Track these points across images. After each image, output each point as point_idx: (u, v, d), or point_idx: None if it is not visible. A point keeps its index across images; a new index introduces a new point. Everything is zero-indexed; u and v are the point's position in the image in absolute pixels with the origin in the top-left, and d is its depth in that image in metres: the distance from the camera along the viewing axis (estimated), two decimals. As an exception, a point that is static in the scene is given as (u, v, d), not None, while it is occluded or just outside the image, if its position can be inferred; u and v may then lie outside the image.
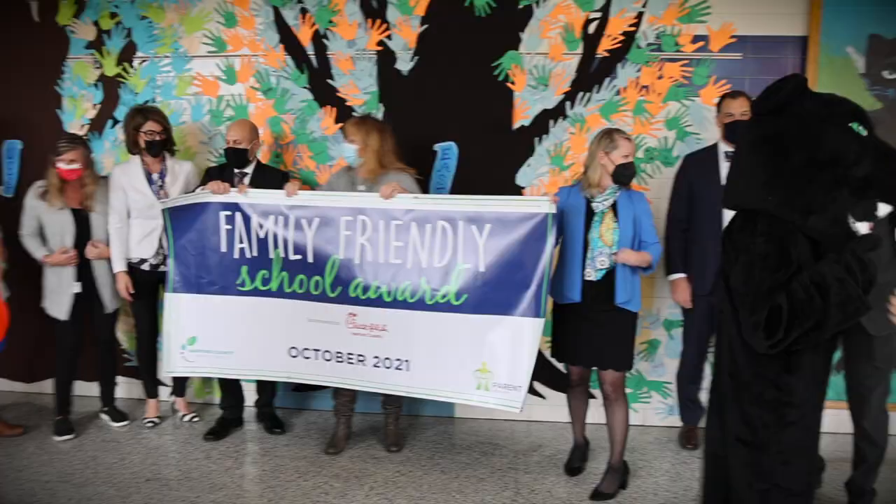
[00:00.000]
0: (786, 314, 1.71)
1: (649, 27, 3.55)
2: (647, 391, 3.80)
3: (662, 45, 3.55)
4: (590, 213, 2.93)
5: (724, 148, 3.25)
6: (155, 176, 3.55)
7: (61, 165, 3.39)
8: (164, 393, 3.91)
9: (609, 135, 2.90)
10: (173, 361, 3.37)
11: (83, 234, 3.51)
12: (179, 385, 3.84)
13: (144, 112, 3.52)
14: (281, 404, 3.89)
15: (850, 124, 1.75)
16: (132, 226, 3.54)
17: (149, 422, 3.75)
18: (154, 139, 3.47)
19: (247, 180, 3.42)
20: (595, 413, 3.33)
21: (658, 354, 3.77)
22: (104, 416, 3.79)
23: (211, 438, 3.58)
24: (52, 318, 3.54)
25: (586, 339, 2.96)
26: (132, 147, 3.53)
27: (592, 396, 3.33)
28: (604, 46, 3.59)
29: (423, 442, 3.59)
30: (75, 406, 3.77)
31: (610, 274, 2.90)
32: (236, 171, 3.44)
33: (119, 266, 3.52)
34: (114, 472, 3.23)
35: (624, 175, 2.88)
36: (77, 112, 3.97)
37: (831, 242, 1.73)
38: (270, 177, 3.43)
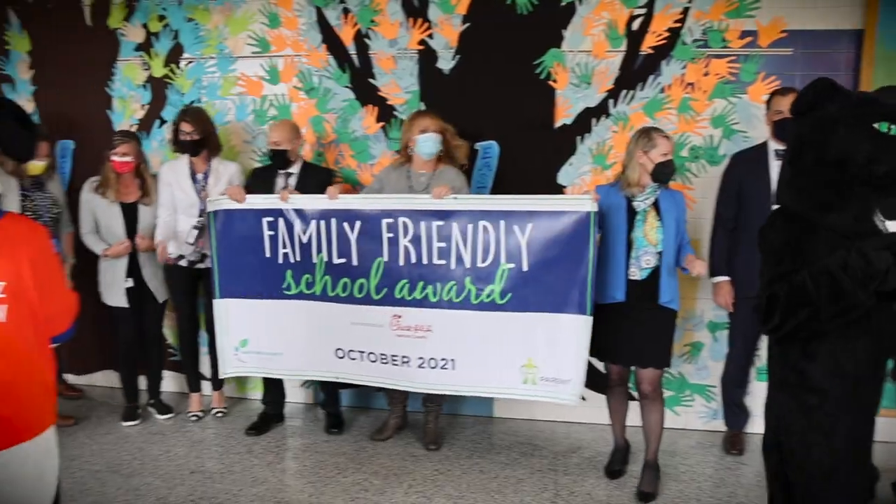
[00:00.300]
0: (781, 303, 1.79)
1: (695, 23, 3.47)
2: (690, 394, 3.72)
3: (709, 41, 3.47)
4: (631, 212, 2.92)
5: (774, 146, 3.16)
6: (199, 176, 3.62)
7: (115, 158, 3.50)
8: (208, 388, 3.99)
9: (647, 133, 2.90)
10: (228, 363, 3.44)
11: (132, 227, 3.62)
12: (216, 380, 3.91)
13: (182, 113, 3.62)
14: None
15: (875, 124, 1.75)
16: (177, 221, 3.63)
17: (193, 415, 3.84)
18: (186, 139, 3.54)
19: (292, 180, 3.46)
20: (635, 415, 3.28)
21: (701, 357, 3.69)
22: (150, 409, 3.89)
23: (252, 433, 3.64)
24: (111, 309, 3.66)
25: (627, 338, 2.96)
26: (175, 146, 3.63)
27: (632, 398, 3.29)
28: (648, 43, 3.53)
29: (462, 441, 3.59)
30: (118, 398, 3.90)
31: (654, 273, 2.89)
32: (281, 171, 3.48)
33: (161, 237, 3.57)
34: (160, 463, 3.31)
35: (663, 173, 2.88)
36: (126, 112, 4.08)
37: (858, 239, 1.74)
38: (316, 176, 3.45)
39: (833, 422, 1.84)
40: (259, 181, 3.48)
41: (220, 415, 3.87)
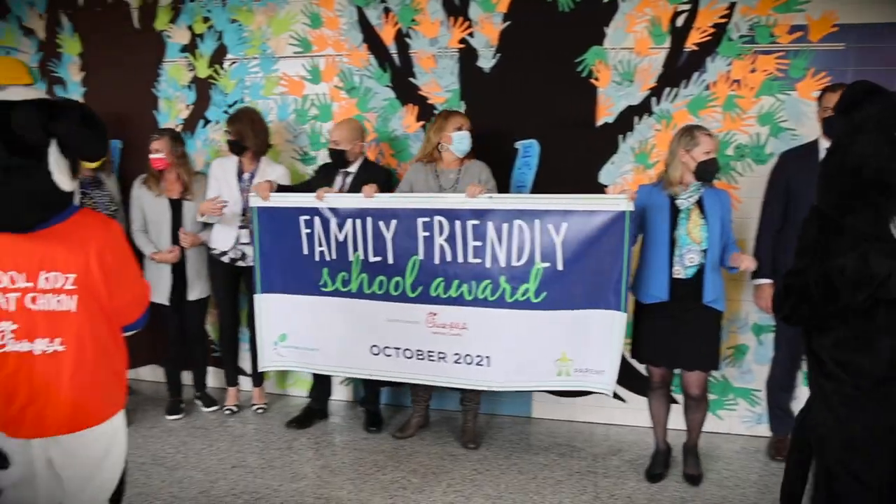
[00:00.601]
0: (792, 296, 1.87)
1: (742, 18, 3.39)
2: (734, 398, 3.65)
3: (756, 37, 3.38)
4: (674, 211, 2.89)
5: (825, 144, 3.08)
6: (245, 175, 3.68)
7: (150, 155, 3.60)
8: (247, 383, 4.07)
9: (689, 132, 2.89)
10: (267, 357, 3.50)
11: (178, 222, 3.70)
12: (257, 376, 3.98)
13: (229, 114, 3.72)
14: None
15: None
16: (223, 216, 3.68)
17: (227, 409, 3.92)
18: (227, 139, 3.64)
19: (350, 179, 3.50)
20: (677, 418, 3.23)
21: (746, 360, 3.61)
22: (196, 401, 3.98)
23: (294, 427, 3.69)
24: (155, 306, 3.72)
25: (672, 339, 2.93)
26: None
27: (674, 401, 3.23)
28: (692, 40, 3.46)
29: (500, 441, 3.58)
30: (163, 392, 3.99)
31: (699, 272, 2.87)
32: (341, 170, 3.53)
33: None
34: (202, 457, 3.37)
35: (707, 172, 2.87)
36: (172, 113, 4.16)
37: (878, 243, 1.77)
38: (374, 175, 3.47)
39: (848, 413, 1.84)
40: (321, 178, 3.55)
41: (260, 411, 3.93)
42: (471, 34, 3.68)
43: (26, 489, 1.85)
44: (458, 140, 3.28)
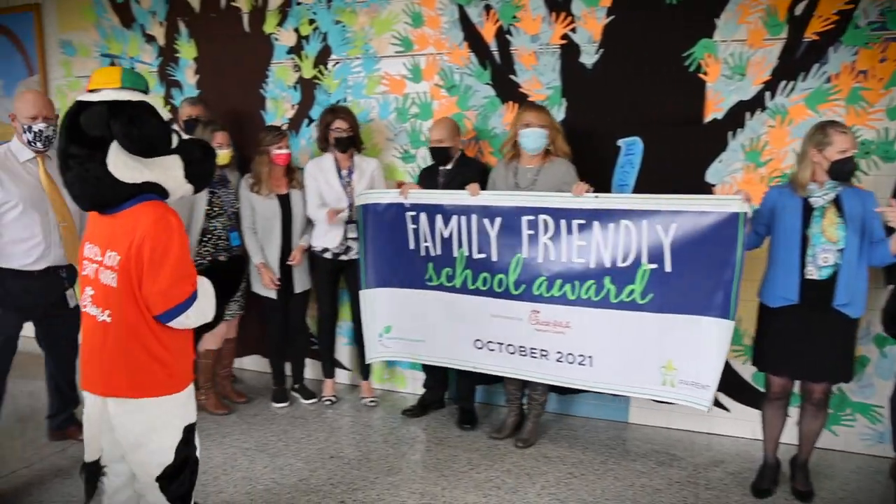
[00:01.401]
0: None
1: (871, 4, 3.14)
2: (851, 413, 3.40)
3: (887, 23, 3.12)
4: (807, 209, 2.73)
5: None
6: (344, 171, 3.76)
7: (278, 151, 3.70)
8: (341, 376, 4.16)
9: (822, 129, 2.70)
10: (373, 348, 3.63)
11: (287, 217, 3.80)
12: (365, 370, 4.05)
13: (334, 111, 3.75)
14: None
15: None
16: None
17: (327, 399, 4.03)
18: (341, 136, 3.68)
19: (446, 176, 3.55)
20: (789, 432, 3.04)
21: (867, 373, 3.36)
22: (295, 394, 4.10)
23: (409, 415, 3.82)
24: (262, 299, 3.88)
25: (799, 347, 2.77)
26: (323, 143, 3.78)
27: (788, 415, 3.05)
28: (813, 29, 3.24)
29: (595, 445, 3.49)
30: (266, 382, 4.16)
31: (836, 273, 2.70)
32: (441, 168, 3.58)
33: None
34: (302, 446, 3.47)
35: (841, 172, 2.66)
36: (278, 112, 4.32)
37: None
38: (470, 171, 3.50)
39: None
40: (425, 179, 3.65)
41: (372, 403, 4.00)
42: (573, 30, 3.61)
43: (91, 434, 2.09)
44: (523, 137, 3.23)
